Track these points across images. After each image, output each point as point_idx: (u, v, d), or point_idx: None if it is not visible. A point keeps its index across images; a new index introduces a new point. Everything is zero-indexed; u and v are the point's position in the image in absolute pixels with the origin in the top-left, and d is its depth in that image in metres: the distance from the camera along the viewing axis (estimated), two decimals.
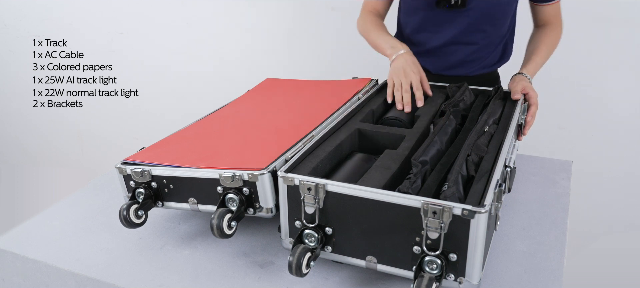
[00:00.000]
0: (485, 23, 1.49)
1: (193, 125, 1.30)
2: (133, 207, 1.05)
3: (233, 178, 0.98)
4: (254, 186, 0.97)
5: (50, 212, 1.22)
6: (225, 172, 0.98)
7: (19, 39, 2.80)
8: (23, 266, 1.08)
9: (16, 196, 2.89)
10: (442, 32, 1.52)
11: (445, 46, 1.53)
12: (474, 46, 1.53)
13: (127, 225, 1.05)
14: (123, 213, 1.04)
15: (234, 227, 0.98)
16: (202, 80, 2.45)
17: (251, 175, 0.96)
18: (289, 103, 1.40)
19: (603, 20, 1.78)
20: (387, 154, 1.05)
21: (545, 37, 1.55)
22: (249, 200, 0.99)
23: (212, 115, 1.38)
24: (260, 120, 1.29)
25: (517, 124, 1.23)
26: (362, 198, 0.88)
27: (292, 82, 1.59)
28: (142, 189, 1.08)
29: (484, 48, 1.54)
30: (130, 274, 1.00)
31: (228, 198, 0.99)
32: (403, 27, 1.63)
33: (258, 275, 1.00)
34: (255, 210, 1.00)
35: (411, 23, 1.57)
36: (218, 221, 0.95)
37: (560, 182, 1.33)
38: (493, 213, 0.89)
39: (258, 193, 0.98)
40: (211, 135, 1.22)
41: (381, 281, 0.97)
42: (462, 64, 1.56)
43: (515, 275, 0.98)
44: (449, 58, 1.55)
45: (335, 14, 2.17)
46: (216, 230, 0.95)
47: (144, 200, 1.07)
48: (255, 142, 1.14)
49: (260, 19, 2.28)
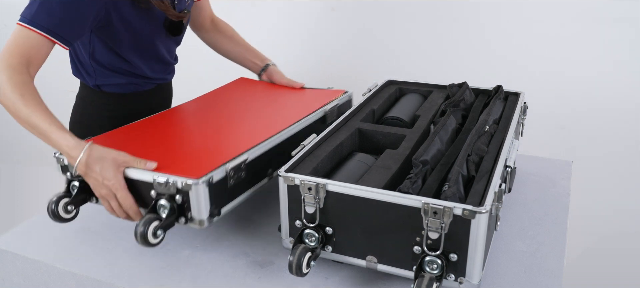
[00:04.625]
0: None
1: (147, 120, 1.25)
2: (63, 201, 0.99)
3: (166, 184, 0.92)
4: (187, 195, 0.91)
5: None
6: (159, 177, 0.93)
7: None
8: (23, 266, 1.08)
9: (16, 196, 2.89)
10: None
11: None
12: None
13: (54, 219, 0.99)
14: (51, 207, 0.98)
15: (160, 236, 0.92)
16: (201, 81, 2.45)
17: (185, 183, 0.91)
18: (252, 107, 1.34)
19: (603, 20, 1.78)
20: (387, 154, 1.05)
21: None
22: (181, 209, 0.93)
23: (173, 109, 1.34)
24: (217, 122, 1.23)
25: (517, 123, 1.23)
26: (363, 198, 0.88)
27: (265, 85, 1.56)
28: (77, 183, 1.01)
29: None
30: (130, 274, 1.00)
31: (159, 204, 0.93)
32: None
33: (258, 275, 1.00)
34: (187, 220, 0.94)
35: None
36: (143, 228, 0.89)
37: (560, 182, 1.33)
38: (493, 214, 0.89)
39: (191, 203, 0.92)
40: (161, 133, 1.17)
41: (381, 281, 0.97)
42: None
43: (515, 275, 0.98)
44: None
45: (335, 14, 2.17)
46: (139, 238, 0.89)
47: (76, 194, 1.01)
48: (202, 147, 1.09)
49: (260, 18, 2.28)
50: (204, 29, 1.62)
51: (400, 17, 2.06)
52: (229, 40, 1.63)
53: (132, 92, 1.42)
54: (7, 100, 1.02)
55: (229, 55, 1.65)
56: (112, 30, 1.25)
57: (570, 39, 1.85)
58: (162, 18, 1.33)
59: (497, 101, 1.29)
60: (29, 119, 1.01)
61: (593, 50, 1.83)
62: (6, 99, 1.03)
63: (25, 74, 1.05)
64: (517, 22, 1.90)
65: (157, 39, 1.37)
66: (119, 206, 0.98)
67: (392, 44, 2.11)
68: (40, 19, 1.09)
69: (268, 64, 1.59)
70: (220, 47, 1.64)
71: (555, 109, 1.92)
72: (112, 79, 1.36)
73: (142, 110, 1.45)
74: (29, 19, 1.09)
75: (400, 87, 1.44)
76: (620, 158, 1.89)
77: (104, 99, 1.39)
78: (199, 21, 1.60)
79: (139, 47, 1.34)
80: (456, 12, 1.97)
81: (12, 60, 1.06)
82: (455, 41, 2.01)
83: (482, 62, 1.98)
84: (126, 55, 1.33)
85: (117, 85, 1.38)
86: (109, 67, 1.34)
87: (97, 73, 1.35)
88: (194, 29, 1.63)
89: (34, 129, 1.02)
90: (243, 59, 1.63)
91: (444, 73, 1.99)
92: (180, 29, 1.40)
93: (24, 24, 1.09)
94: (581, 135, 1.92)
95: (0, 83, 1.03)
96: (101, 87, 1.37)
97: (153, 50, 1.38)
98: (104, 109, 1.39)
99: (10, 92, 1.02)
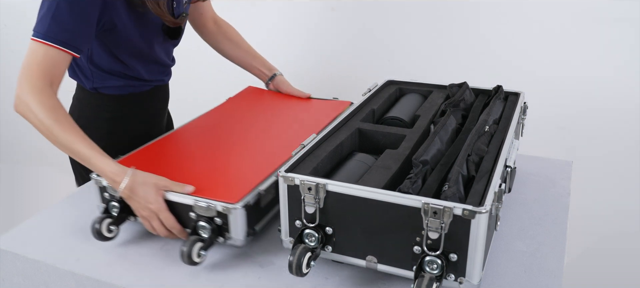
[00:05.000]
0: None
1: (171, 137, 1.30)
2: (106, 222, 1.05)
3: (207, 208, 0.99)
4: (226, 218, 0.99)
5: (50, 212, 1.22)
6: (200, 201, 1.00)
7: (19, 39, 2.80)
8: (23, 266, 1.08)
9: (16, 196, 2.89)
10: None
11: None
12: None
13: (98, 238, 1.04)
14: (95, 226, 1.04)
15: (203, 256, 0.99)
16: (201, 81, 2.45)
17: (225, 207, 0.98)
18: (267, 121, 1.40)
19: (603, 20, 1.78)
20: (387, 154, 1.05)
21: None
22: (221, 229, 1.01)
23: (192, 125, 1.38)
24: (238, 140, 1.28)
25: (517, 123, 1.23)
26: (363, 198, 0.88)
27: (274, 95, 1.59)
28: (117, 203, 1.07)
29: None
30: (130, 274, 1.00)
31: (199, 225, 1.00)
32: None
33: (258, 275, 1.00)
34: (226, 239, 1.01)
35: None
36: (188, 249, 0.96)
37: (560, 182, 1.33)
38: (493, 214, 0.89)
39: (230, 224, 0.99)
40: (188, 153, 1.22)
41: (381, 281, 0.97)
42: None
43: (515, 275, 0.98)
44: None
45: (335, 14, 2.17)
46: (186, 258, 0.96)
47: (118, 214, 1.07)
48: (232, 167, 1.14)
49: (259, 18, 2.28)
50: (206, 31, 1.62)
51: (401, 17, 2.06)
52: (235, 46, 1.63)
53: (130, 94, 1.42)
54: (42, 126, 1.06)
55: (234, 60, 1.64)
56: (113, 35, 1.25)
57: (570, 39, 1.85)
58: (161, 22, 1.33)
59: (497, 101, 1.29)
60: (69, 145, 1.06)
61: (593, 50, 1.83)
62: (41, 125, 1.07)
63: (54, 97, 1.09)
64: (517, 22, 1.90)
65: (156, 42, 1.37)
66: (160, 225, 1.04)
67: (392, 44, 2.11)
68: (55, 33, 1.10)
69: (275, 74, 1.60)
70: (225, 51, 1.64)
71: (555, 109, 1.92)
72: (110, 82, 1.37)
73: (139, 112, 1.45)
74: (43, 33, 1.10)
75: (400, 87, 1.44)
76: (620, 159, 1.89)
77: (101, 100, 1.39)
78: (200, 22, 1.60)
79: (138, 50, 1.34)
80: (456, 12, 1.97)
81: (37, 82, 1.08)
82: (455, 41, 2.01)
83: (482, 62, 1.98)
84: (124, 59, 1.33)
85: (114, 87, 1.38)
86: (107, 70, 1.35)
87: (95, 76, 1.35)
88: (196, 29, 1.63)
89: (74, 154, 1.07)
90: (250, 66, 1.63)
91: (444, 73, 1.99)
92: (178, 32, 1.40)
93: (39, 39, 1.10)
94: (581, 135, 1.92)
95: (32, 108, 1.06)
96: (98, 89, 1.37)
97: (151, 54, 1.38)
98: (101, 110, 1.39)
99: (45, 118, 1.06)
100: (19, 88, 1.09)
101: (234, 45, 1.63)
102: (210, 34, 1.62)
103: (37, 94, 1.07)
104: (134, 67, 1.37)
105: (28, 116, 1.08)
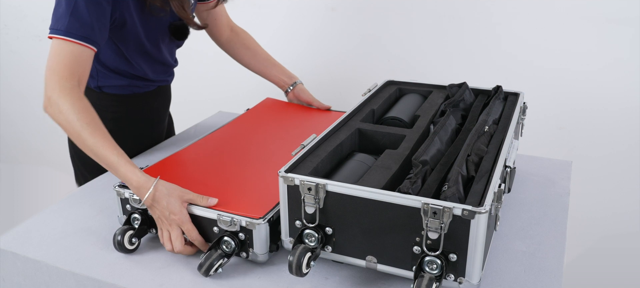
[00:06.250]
0: None
1: (193, 148, 1.30)
2: (128, 234, 1.05)
3: (231, 223, 0.99)
4: (250, 233, 0.99)
5: (50, 212, 1.22)
6: (224, 215, 1.00)
7: (19, 39, 2.80)
8: (23, 266, 1.08)
9: (16, 196, 2.89)
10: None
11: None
12: None
13: (119, 249, 1.04)
14: (117, 238, 1.04)
15: (220, 270, 0.99)
16: (200, 81, 2.45)
17: (249, 222, 0.98)
18: (291, 135, 1.39)
19: (603, 20, 1.78)
20: (387, 154, 1.05)
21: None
22: (243, 244, 1.00)
23: (213, 137, 1.37)
24: (259, 153, 1.28)
25: (517, 123, 1.23)
26: (363, 198, 0.88)
27: (294, 107, 1.58)
28: (138, 215, 1.07)
29: None
30: (130, 274, 1.00)
31: (224, 240, 1.00)
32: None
33: (258, 275, 1.00)
34: (248, 255, 1.01)
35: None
36: (208, 263, 0.97)
37: (560, 182, 1.33)
38: (493, 214, 0.89)
39: (253, 240, 0.99)
40: (211, 165, 1.22)
41: (381, 281, 0.97)
42: None
43: (515, 275, 0.98)
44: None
45: (335, 14, 2.17)
46: (204, 271, 0.97)
47: (139, 227, 1.07)
48: (254, 182, 1.14)
49: (259, 18, 2.28)
50: (222, 38, 1.60)
51: (401, 17, 2.06)
52: (252, 54, 1.61)
53: (133, 94, 1.42)
54: (71, 127, 1.05)
55: (253, 69, 1.63)
56: (123, 32, 1.26)
57: (570, 38, 1.85)
58: (168, 22, 1.33)
59: (496, 101, 1.29)
60: (97, 150, 1.05)
61: (593, 50, 1.83)
62: (70, 126, 1.06)
63: (83, 97, 1.08)
64: (517, 22, 1.91)
65: (162, 43, 1.38)
66: (178, 238, 1.02)
67: (392, 44, 2.11)
68: (76, 29, 1.10)
69: (296, 82, 1.59)
70: (243, 59, 1.62)
71: (555, 108, 1.92)
72: (114, 81, 1.37)
73: (142, 112, 1.45)
74: (65, 30, 1.09)
75: (400, 87, 1.44)
76: (620, 159, 1.89)
77: (105, 100, 1.39)
78: (216, 29, 1.58)
79: (145, 49, 1.35)
80: (456, 12, 1.97)
81: (65, 82, 1.07)
82: (455, 41, 2.01)
83: (481, 62, 1.98)
84: (131, 58, 1.34)
85: (118, 86, 1.38)
86: (113, 69, 1.35)
87: (100, 75, 1.35)
88: (212, 37, 1.61)
89: (101, 159, 1.06)
90: (269, 75, 1.61)
91: (444, 73, 2.00)
92: (184, 33, 1.40)
93: (61, 36, 1.09)
94: (581, 135, 1.92)
95: (63, 109, 1.05)
96: (103, 88, 1.38)
97: (157, 53, 1.39)
98: (105, 110, 1.39)
99: (76, 120, 1.05)
100: (49, 89, 1.08)
101: (251, 53, 1.61)
102: (226, 41, 1.61)
103: (66, 95, 1.06)
104: (140, 66, 1.37)
105: (58, 118, 1.07)
